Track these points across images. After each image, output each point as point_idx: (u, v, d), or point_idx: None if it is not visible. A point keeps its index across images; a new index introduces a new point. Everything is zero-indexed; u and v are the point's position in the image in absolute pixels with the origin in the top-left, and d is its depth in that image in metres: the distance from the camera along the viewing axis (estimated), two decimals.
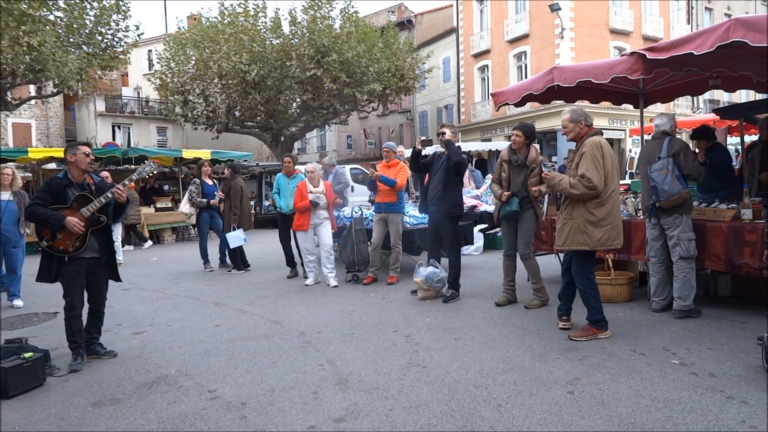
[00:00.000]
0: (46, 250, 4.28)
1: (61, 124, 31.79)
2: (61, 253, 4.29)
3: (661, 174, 4.93)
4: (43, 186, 4.39)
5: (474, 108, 28.92)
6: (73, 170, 4.41)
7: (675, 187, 4.88)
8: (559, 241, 4.64)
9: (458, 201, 6.21)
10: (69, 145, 4.56)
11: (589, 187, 4.36)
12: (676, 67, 5.13)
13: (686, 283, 5.02)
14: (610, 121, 24.27)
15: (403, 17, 35.05)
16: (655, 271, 5.33)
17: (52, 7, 16.23)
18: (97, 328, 4.62)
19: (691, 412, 3.14)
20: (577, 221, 4.49)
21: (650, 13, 26.08)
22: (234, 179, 9.31)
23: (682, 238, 5.01)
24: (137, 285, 8.01)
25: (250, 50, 20.88)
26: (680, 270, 5.04)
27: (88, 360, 4.46)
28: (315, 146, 40.40)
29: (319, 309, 6.06)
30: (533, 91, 6.15)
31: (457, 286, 6.24)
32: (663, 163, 4.98)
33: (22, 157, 14.25)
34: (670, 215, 5.04)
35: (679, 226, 5.02)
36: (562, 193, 4.63)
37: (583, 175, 4.37)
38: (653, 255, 5.32)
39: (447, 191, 6.09)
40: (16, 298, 6.78)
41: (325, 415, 3.30)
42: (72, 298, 4.34)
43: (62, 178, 4.39)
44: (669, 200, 4.93)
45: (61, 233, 4.27)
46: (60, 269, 4.32)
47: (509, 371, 3.89)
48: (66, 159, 4.44)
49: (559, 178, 4.58)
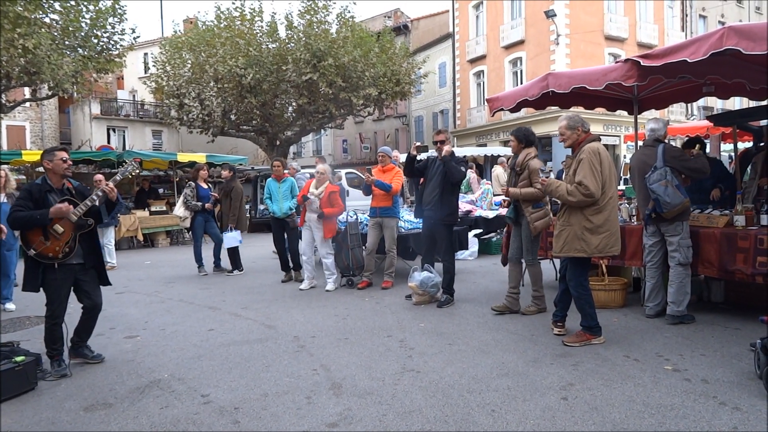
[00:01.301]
0: (35, 258, 4.17)
1: (56, 127, 31.66)
2: (50, 260, 4.20)
3: (661, 185, 4.91)
4: (22, 193, 4.30)
5: (469, 113, 29.00)
6: (52, 176, 4.33)
7: (677, 198, 4.88)
8: (557, 248, 4.63)
9: (454, 208, 6.23)
10: (45, 150, 4.45)
11: (587, 195, 4.35)
12: (671, 74, 5.16)
13: (681, 289, 5.04)
14: (605, 127, 24.38)
15: (399, 22, 35.15)
16: (651, 276, 5.33)
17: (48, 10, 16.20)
18: (87, 332, 4.55)
19: (684, 418, 3.14)
20: (575, 228, 4.48)
21: (645, 20, 26.24)
22: (234, 181, 9.31)
23: (682, 245, 5.02)
24: (131, 288, 7.97)
25: (246, 54, 20.88)
26: (676, 276, 5.05)
27: (78, 364, 4.42)
28: (310, 150, 40.41)
29: (314, 313, 6.05)
30: (528, 96, 6.18)
31: (452, 291, 6.24)
32: (661, 173, 4.96)
33: (16, 159, 14.20)
34: (671, 223, 5.04)
35: (680, 234, 5.03)
36: (559, 199, 4.62)
37: (581, 182, 4.36)
38: (650, 260, 5.32)
39: (443, 198, 6.05)
40: (8, 302, 6.73)
41: (319, 420, 3.29)
42: (56, 306, 4.25)
43: (42, 183, 4.30)
44: (672, 211, 4.93)
45: (50, 239, 4.18)
46: (45, 277, 4.23)
47: (503, 376, 3.89)
48: (43, 165, 4.35)
49: (556, 184, 4.58)
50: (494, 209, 10.54)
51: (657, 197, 4.93)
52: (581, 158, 4.45)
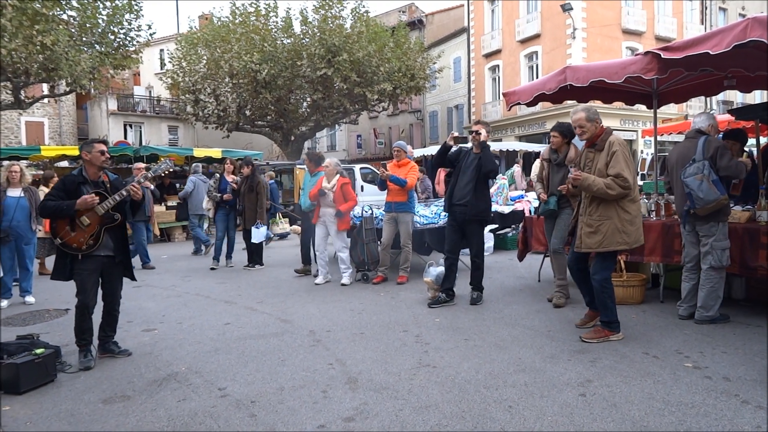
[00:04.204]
0: (60, 248, 4.29)
1: (74, 123, 32.06)
2: (74, 250, 4.29)
3: (696, 179, 4.66)
4: (57, 184, 4.40)
5: (484, 108, 28.82)
6: (89, 168, 4.43)
7: (712, 194, 4.59)
8: (594, 243, 4.45)
9: (488, 204, 6.09)
10: (85, 142, 4.61)
11: (625, 187, 4.29)
12: (691, 67, 5.06)
13: (713, 293, 4.82)
14: (622, 121, 24.13)
15: (413, 17, 35.01)
16: (689, 277, 5.10)
17: (66, 7, 16.36)
18: (111, 327, 4.62)
19: (705, 416, 3.09)
20: (614, 221, 4.37)
21: (663, 13, 25.87)
22: (257, 175, 9.32)
23: (715, 247, 4.76)
24: (148, 282, 8.04)
25: (261, 50, 20.94)
26: (708, 279, 4.82)
27: (100, 358, 4.48)
28: (325, 145, 40.47)
29: (329, 308, 6.05)
30: (545, 90, 6.11)
31: (482, 287, 6.18)
32: (698, 166, 4.70)
33: (35, 155, 14.37)
34: (706, 222, 4.79)
35: (714, 235, 4.76)
36: (595, 194, 4.42)
37: (618, 174, 4.29)
38: (689, 261, 5.09)
39: (477, 193, 5.88)
40: (28, 294, 6.83)
41: (335, 414, 3.29)
42: (85, 296, 4.33)
43: (77, 175, 4.41)
44: (705, 208, 4.66)
45: (75, 230, 4.28)
46: (74, 267, 4.33)
47: (520, 372, 3.86)
48: (81, 156, 4.46)
49: (591, 179, 4.38)
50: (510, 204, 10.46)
51: (690, 191, 4.70)
52: (614, 151, 4.36)
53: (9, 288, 6.74)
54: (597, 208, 4.46)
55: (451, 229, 6.12)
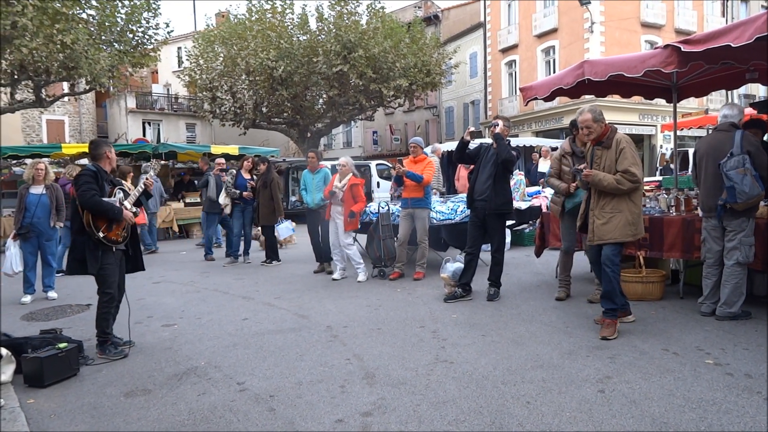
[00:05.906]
0: (102, 241, 4.36)
1: (93, 121, 32.49)
2: (115, 243, 4.46)
3: (738, 173, 4.56)
4: (89, 177, 4.40)
5: (501, 103, 28.62)
6: (107, 166, 4.61)
7: (755, 189, 4.53)
8: (606, 234, 4.53)
9: (509, 197, 6.07)
10: (104, 142, 4.81)
11: (634, 182, 4.46)
12: (712, 60, 4.99)
13: (737, 290, 4.77)
14: (641, 116, 23.80)
15: (429, 12, 34.85)
16: (711, 273, 5.04)
17: (85, 6, 16.54)
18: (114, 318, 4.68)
19: (727, 413, 3.06)
20: (625, 214, 4.50)
21: (683, 6, 25.44)
22: (271, 172, 9.36)
23: (744, 243, 4.71)
24: (167, 278, 8.13)
25: (278, 47, 21.02)
26: (733, 275, 4.77)
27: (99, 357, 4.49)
28: (341, 142, 40.52)
29: (346, 304, 6.08)
30: (563, 85, 6.05)
31: (499, 284, 6.15)
32: (738, 160, 4.60)
33: (56, 152, 14.60)
34: (737, 218, 4.72)
35: (744, 230, 4.72)
36: (605, 189, 4.52)
37: (627, 170, 4.44)
38: (711, 257, 5.03)
39: (497, 187, 5.88)
40: (51, 290, 6.95)
41: (353, 408, 3.31)
42: (113, 290, 4.48)
43: (99, 170, 4.50)
44: (746, 202, 4.60)
45: (115, 224, 4.44)
46: (103, 261, 4.42)
47: (538, 368, 3.85)
48: (105, 154, 4.61)
49: (602, 175, 4.52)
50: (527, 200, 10.40)
51: (733, 185, 4.59)
52: (622, 148, 4.51)
53: (32, 283, 6.86)
54: (610, 202, 4.57)
55: (473, 224, 6.13)
